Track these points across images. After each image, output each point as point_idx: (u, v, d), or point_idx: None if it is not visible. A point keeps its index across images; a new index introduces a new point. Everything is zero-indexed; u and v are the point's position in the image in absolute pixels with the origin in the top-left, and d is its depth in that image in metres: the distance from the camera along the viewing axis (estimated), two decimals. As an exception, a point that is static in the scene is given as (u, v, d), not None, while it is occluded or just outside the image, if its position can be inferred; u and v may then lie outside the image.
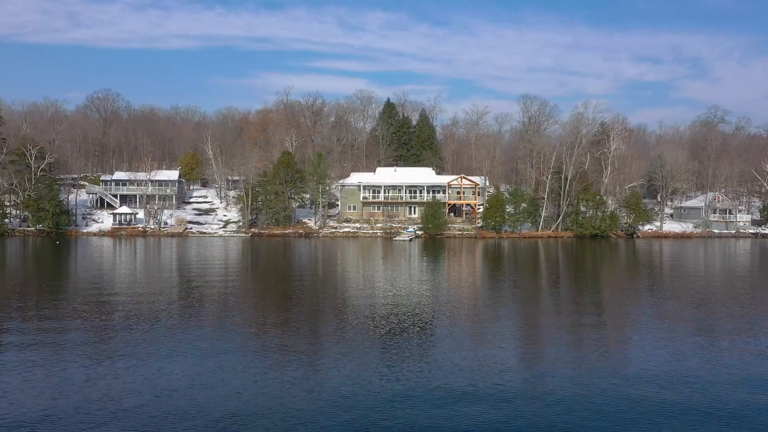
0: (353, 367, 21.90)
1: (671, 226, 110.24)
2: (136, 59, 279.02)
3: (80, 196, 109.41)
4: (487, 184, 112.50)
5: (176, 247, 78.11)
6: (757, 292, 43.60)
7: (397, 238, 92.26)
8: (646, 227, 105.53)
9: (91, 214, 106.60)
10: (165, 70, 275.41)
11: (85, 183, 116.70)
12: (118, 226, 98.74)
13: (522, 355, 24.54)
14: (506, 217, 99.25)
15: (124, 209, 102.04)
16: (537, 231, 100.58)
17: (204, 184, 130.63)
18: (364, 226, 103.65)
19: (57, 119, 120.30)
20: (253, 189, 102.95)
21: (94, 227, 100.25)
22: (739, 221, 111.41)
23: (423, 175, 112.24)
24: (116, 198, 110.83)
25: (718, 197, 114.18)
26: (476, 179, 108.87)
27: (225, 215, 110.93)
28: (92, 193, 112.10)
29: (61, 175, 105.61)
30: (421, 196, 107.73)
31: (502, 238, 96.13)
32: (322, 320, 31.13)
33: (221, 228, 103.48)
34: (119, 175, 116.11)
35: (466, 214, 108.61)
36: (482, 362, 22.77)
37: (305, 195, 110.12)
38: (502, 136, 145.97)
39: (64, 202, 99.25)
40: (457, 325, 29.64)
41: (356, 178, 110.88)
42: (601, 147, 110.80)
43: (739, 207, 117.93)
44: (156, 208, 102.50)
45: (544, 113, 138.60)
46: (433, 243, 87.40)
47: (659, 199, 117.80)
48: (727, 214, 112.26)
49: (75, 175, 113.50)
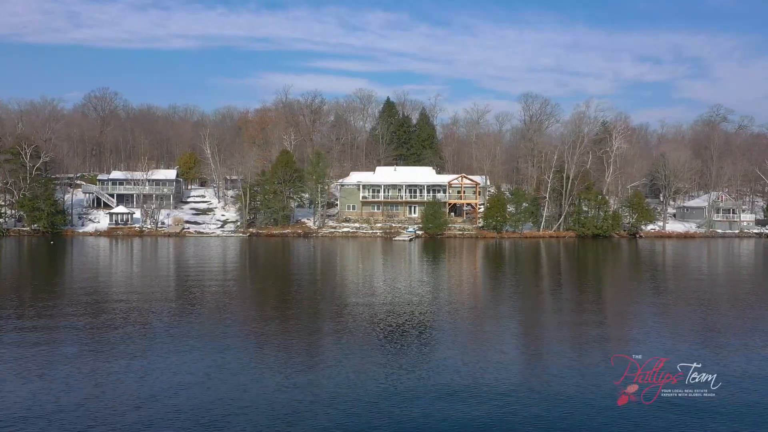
0: (352, 367, 21.85)
1: (674, 226, 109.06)
2: (137, 59, 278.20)
3: (76, 196, 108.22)
4: (488, 183, 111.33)
5: (173, 247, 76.99)
6: (762, 292, 42.54)
7: (396, 238, 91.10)
8: (649, 227, 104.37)
9: (87, 213, 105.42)
10: (165, 70, 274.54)
11: (82, 182, 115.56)
12: (114, 226, 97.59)
13: (523, 355, 24.42)
14: (507, 217, 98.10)
15: (121, 209, 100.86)
16: (538, 231, 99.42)
17: (202, 183, 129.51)
18: (364, 225, 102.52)
19: (53, 118, 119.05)
20: (252, 188, 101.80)
21: (90, 227, 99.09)
22: (743, 221, 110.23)
23: (423, 175, 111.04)
24: (113, 198, 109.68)
25: (722, 197, 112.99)
26: (477, 178, 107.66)
27: (223, 215, 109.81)
28: (89, 193, 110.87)
29: (57, 175, 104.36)
30: (421, 196, 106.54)
31: (503, 238, 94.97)
32: (320, 321, 30.82)
33: (219, 228, 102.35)
34: (116, 174, 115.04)
35: (466, 213, 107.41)
36: (483, 364, 22.49)
37: (304, 194, 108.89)
38: (503, 136, 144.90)
39: (60, 202, 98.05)
40: (458, 327, 29.25)
41: (356, 178, 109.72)
42: (603, 146, 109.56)
43: (743, 206, 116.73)
44: (153, 207, 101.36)
45: (545, 112, 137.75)
46: (434, 243, 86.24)
47: (661, 198, 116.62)
48: (731, 214, 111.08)
49: (71, 175, 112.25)
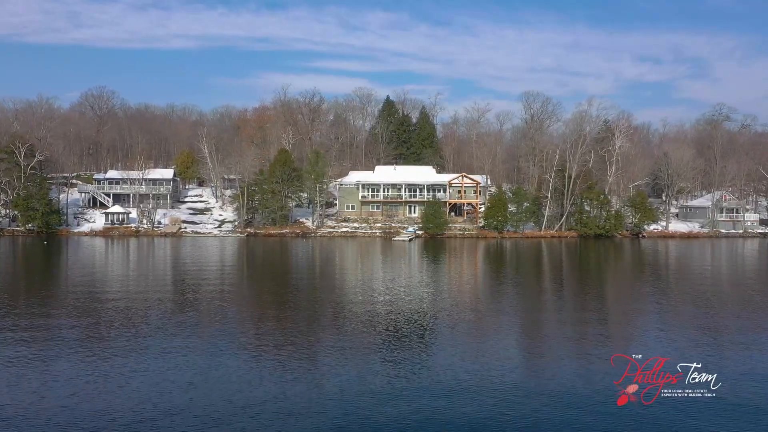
0: (352, 367, 21.79)
1: (677, 226, 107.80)
2: (137, 59, 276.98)
3: (72, 195, 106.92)
4: (489, 182, 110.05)
5: (169, 247, 75.75)
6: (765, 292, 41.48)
7: (396, 238, 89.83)
8: (652, 227, 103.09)
9: (82, 213, 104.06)
10: (165, 70, 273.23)
11: (78, 182, 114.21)
12: (110, 225, 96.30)
13: (523, 355, 24.48)
14: (508, 217, 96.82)
15: (117, 208, 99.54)
16: (540, 231, 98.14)
17: (200, 183, 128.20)
18: (363, 225, 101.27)
19: (49, 116, 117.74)
20: (250, 188, 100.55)
21: (85, 227, 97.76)
22: (747, 221, 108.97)
23: (423, 174, 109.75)
24: (109, 197, 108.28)
25: (725, 196, 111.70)
26: (477, 178, 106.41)
27: (220, 215, 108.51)
28: (84, 192, 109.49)
29: (52, 174, 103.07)
30: (421, 195, 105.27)
31: (505, 238, 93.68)
32: (319, 321, 30.52)
33: (216, 228, 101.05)
34: (112, 173, 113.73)
35: (467, 213, 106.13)
36: (483, 364, 22.45)
37: (302, 194, 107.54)
38: (504, 135, 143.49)
39: (55, 202, 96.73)
40: (458, 328, 28.91)
41: (355, 177, 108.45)
42: (605, 145, 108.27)
43: (747, 206, 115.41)
44: (149, 207, 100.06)
45: (546, 111, 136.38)
46: (434, 243, 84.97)
47: (664, 198, 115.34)
48: (735, 214, 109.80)
49: (67, 174, 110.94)
